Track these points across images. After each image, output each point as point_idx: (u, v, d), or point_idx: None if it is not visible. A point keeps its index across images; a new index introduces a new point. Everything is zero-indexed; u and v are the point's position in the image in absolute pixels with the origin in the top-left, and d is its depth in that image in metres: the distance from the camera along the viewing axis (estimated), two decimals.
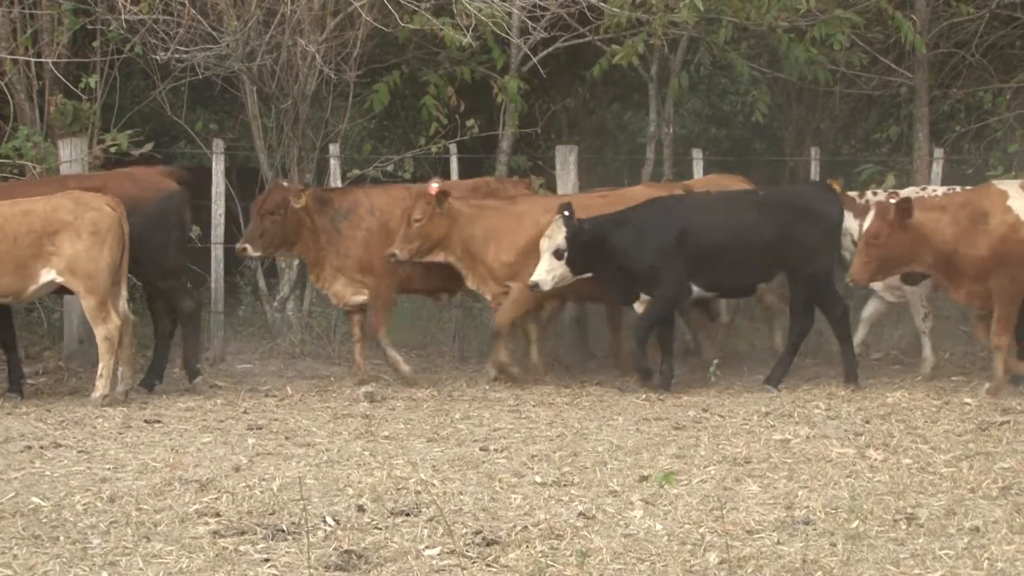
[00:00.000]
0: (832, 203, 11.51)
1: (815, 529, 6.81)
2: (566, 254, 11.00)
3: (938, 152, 14.32)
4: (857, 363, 11.48)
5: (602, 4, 13.20)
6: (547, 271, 11.03)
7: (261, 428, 9.67)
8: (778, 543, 6.57)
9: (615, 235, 11.21)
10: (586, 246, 11.04)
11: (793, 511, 7.16)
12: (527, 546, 6.48)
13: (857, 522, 6.90)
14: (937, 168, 14.05)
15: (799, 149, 16.52)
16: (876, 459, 8.43)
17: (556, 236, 11.00)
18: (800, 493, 7.56)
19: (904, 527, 6.86)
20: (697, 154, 14.41)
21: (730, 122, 19.47)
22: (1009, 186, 11.13)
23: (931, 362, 11.98)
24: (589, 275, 11.24)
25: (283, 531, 6.72)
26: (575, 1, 13.21)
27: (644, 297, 11.26)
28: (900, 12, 13.90)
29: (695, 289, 11.36)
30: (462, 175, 13.98)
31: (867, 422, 9.77)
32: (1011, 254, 10.78)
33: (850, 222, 11.82)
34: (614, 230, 11.22)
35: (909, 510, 7.13)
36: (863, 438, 9.12)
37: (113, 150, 13.31)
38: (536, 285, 11.03)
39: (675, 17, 13.17)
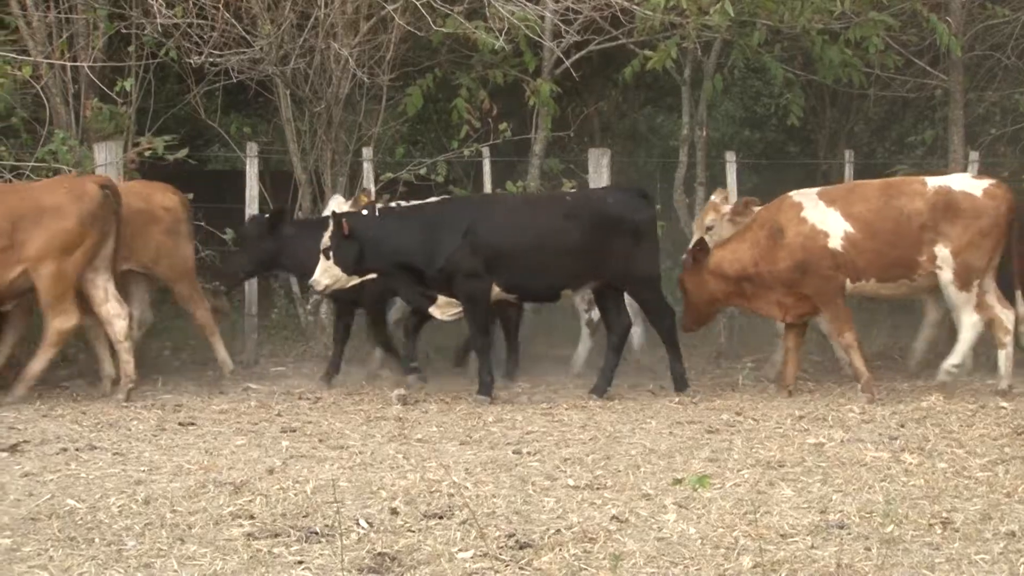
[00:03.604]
0: (643, 208, 11.38)
1: (849, 533, 6.78)
2: (331, 253, 10.91)
3: (973, 155, 14.27)
4: (684, 372, 11.43)
5: (635, 7, 13.19)
6: (321, 271, 10.93)
7: (295, 431, 9.70)
8: (812, 547, 6.55)
9: (390, 236, 11.02)
10: (351, 247, 10.89)
11: (827, 515, 7.13)
12: (560, 549, 6.48)
13: (892, 526, 6.87)
14: (972, 171, 13.97)
15: (833, 152, 16.49)
16: (911, 463, 8.39)
17: (325, 235, 10.92)
18: (834, 497, 7.53)
19: (939, 531, 6.82)
20: (730, 157, 14.39)
21: (763, 125, 19.46)
22: (805, 196, 11.37)
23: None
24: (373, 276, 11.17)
25: (317, 533, 6.73)
26: (608, 4, 13.20)
27: (442, 299, 11.13)
28: (935, 14, 13.83)
29: (495, 289, 11.18)
30: (495, 178, 14.01)
31: (902, 426, 9.73)
32: (812, 261, 11.07)
33: None
34: (388, 231, 11.04)
35: (944, 514, 7.09)
36: (898, 442, 9.08)
37: (148, 154, 13.37)
38: (311, 285, 11.02)
39: (708, 20, 13.14)
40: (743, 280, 11.30)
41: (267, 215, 12.12)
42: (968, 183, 11.31)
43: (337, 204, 12.33)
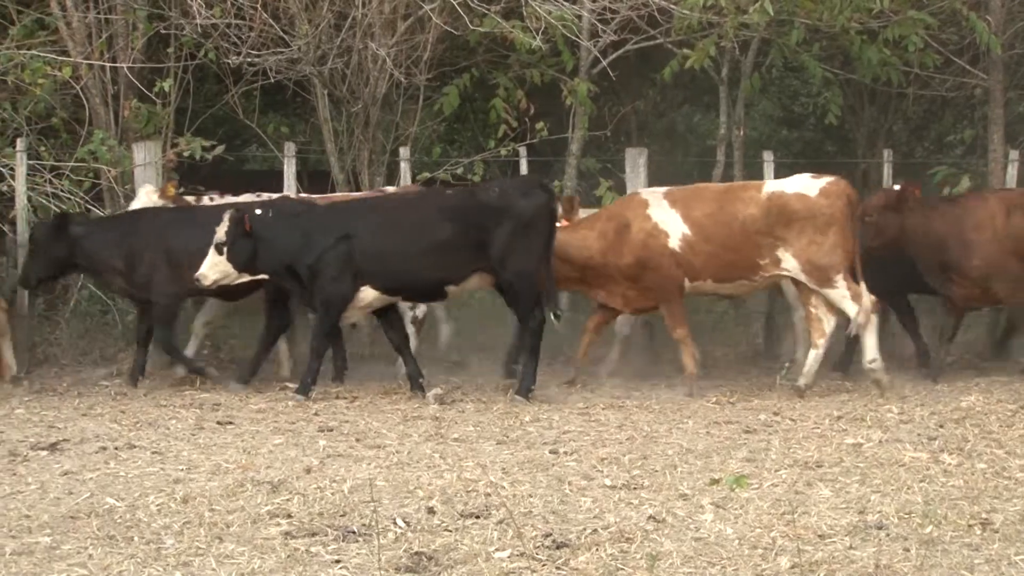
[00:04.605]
0: (530, 200, 11.13)
1: (888, 534, 6.75)
2: (225, 249, 10.94)
3: (1013, 154, 14.16)
4: (534, 379, 11.11)
5: (672, 7, 13.17)
6: (210, 266, 10.99)
7: (332, 430, 9.72)
8: (850, 548, 6.52)
9: (282, 234, 11.06)
10: (248, 244, 10.94)
11: (866, 516, 7.10)
12: (597, 549, 6.47)
13: (931, 527, 6.83)
14: (1012, 170, 13.89)
15: (871, 151, 16.40)
16: (950, 464, 8.34)
17: (219, 231, 10.96)
18: (873, 498, 7.50)
19: (979, 532, 6.78)
20: (768, 156, 14.33)
21: (802, 124, 19.40)
22: (652, 195, 11.76)
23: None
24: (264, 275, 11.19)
25: (354, 532, 6.75)
26: (645, 4, 13.18)
27: None
28: (975, 13, 13.75)
29: (372, 292, 11.13)
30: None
31: (941, 426, 9.67)
32: (652, 258, 11.43)
33: None
34: (280, 228, 11.07)
35: (984, 515, 7.05)
36: (937, 442, 9.03)
37: (186, 154, 13.43)
38: (197, 279, 11.00)
39: (746, 19, 13.11)
40: (587, 268, 11.57)
41: (54, 218, 12.06)
42: (803, 184, 11.49)
43: (146, 193, 12.30)
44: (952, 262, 11.83)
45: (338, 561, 6.33)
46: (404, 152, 13.89)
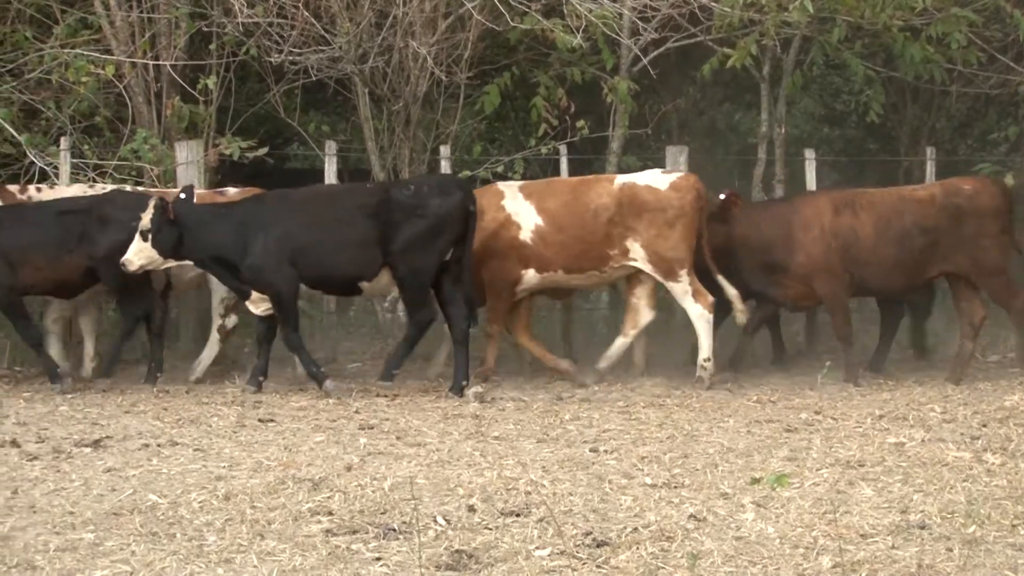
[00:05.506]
0: (443, 200, 11.16)
1: (931, 534, 6.71)
2: (150, 236, 11.00)
3: None
4: (398, 365, 11.46)
5: (713, 4, 13.14)
6: (135, 251, 11.03)
7: (372, 428, 9.74)
8: (892, 547, 6.49)
9: (208, 226, 11.13)
10: (172, 231, 10.99)
11: (908, 515, 7.06)
12: (637, 548, 6.46)
13: (974, 527, 6.79)
14: None
15: (914, 149, 16.31)
16: (994, 463, 8.29)
17: (144, 217, 11.02)
18: (915, 497, 7.46)
19: (1022, 532, 6.73)
20: (809, 154, 14.28)
21: (843, 122, 19.31)
22: (508, 187, 12.05)
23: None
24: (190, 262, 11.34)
25: (394, 530, 6.76)
26: (686, 1, 13.16)
27: (255, 295, 11.19)
28: (1019, 10, 13.66)
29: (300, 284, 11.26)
30: (572, 176, 13.98)
31: (984, 426, 9.61)
32: (498, 249, 11.71)
33: None
34: (208, 220, 11.15)
35: None
36: (980, 442, 8.98)
37: (228, 152, 13.49)
38: (123, 264, 11.04)
39: (787, 17, 13.06)
40: None
41: None
42: (654, 178, 11.78)
43: None
44: (778, 262, 11.83)
45: (379, 559, 6.35)
46: (445, 150, 13.92)
